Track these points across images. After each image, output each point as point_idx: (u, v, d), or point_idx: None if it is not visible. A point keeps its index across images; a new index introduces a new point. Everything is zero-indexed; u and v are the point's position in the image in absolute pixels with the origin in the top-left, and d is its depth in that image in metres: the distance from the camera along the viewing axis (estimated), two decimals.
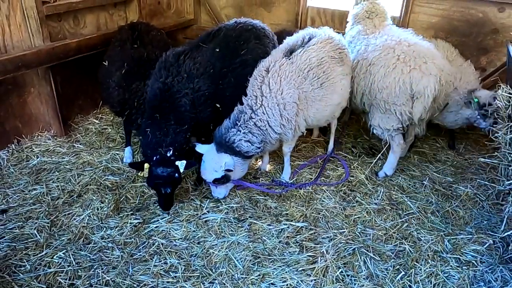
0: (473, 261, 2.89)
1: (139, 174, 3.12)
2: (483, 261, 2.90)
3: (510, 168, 2.81)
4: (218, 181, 3.27)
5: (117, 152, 4.10)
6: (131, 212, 3.29)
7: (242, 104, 3.31)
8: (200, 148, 3.33)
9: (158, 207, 3.29)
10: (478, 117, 3.80)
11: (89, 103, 4.94)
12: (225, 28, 3.69)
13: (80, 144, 4.24)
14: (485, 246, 3.01)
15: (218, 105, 3.41)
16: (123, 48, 3.75)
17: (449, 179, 3.89)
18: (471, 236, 3.14)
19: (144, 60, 3.64)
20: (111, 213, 3.24)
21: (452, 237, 3.14)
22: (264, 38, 3.87)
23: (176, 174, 3.04)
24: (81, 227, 3.08)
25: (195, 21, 5.94)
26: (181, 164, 3.06)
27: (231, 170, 3.24)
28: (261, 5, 5.52)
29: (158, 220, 3.21)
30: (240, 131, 3.22)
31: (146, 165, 3.02)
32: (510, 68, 3.47)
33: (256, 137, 3.27)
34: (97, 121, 4.71)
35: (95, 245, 2.93)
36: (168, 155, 3.03)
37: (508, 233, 2.49)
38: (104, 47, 4.39)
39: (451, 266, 2.86)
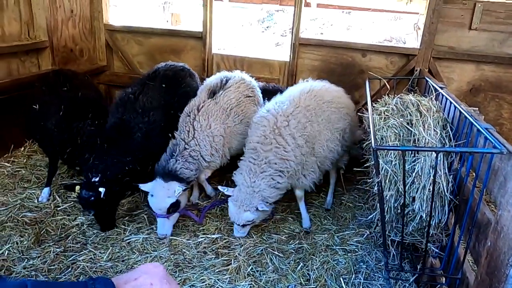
0: (355, 249, 3.60)
1: (72, 194, 3.38)
2: (363, 248, 3.62)
3: (373, 172, 3.64)
4: (174, 206, 3.45)
5: (33, 191, 4.17)
6: (53, 243, 3.43)
7: (174, 138, 3.73)
8: (144, 186, 3.51)
9: (81, 235, 3.50)
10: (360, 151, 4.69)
11: None
12: (161, 69, 4.33)
13: None
14: (364, 237, 3.76)
15: (170, 135, 3.81)
16: (54, 92, 3.98)
17: (340, 190, 4.70)
18: (354, 231, 3.88)
19: (80, 100, 3.94)
20: (32, 245, 3.34)
21: (340, 233, 3.85)
22: (193, 75, 4.68)
23: (93, 198, 3.27)
24: (1, 260, 3.13)
25: (108, 67, 6.29)
26: (102, 191, 3.31)
27: (186, 188, 3.54)
28: (171, 53, 6.12)
29: (81, 247, 3.39)
30: (179, 160, 3.58)
31: (77, 187, 3.29)
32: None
33: (193, 165, 3.65)
34: (9, 165, 4.70)
35: (17, 274, 3.02)
36: (93, 180, 3.30)
37: (371, 216, 3.24)
38: (15, 92, 4.56)
39: (339, 254, 3.52)
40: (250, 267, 3.24)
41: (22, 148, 5.09)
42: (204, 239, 3.57)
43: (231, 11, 14.49)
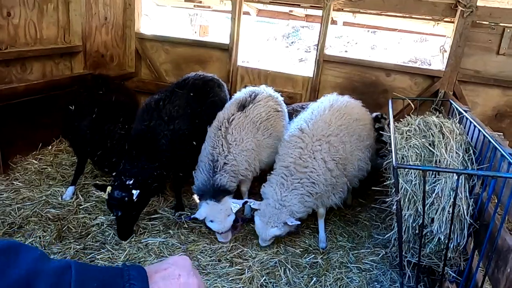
0: (370, 268, 3.57)
1: (102, 195, 3.49)
2: (378, 267, 3.59)
3: (392, 191, 3.62)
4: (234, 220, 3.61)
5: (57, 189, 4.31)
6: (74, 240, 3.53)
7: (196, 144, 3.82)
8: (199, 215, 3.56)
9: (100, 234, 3.59)
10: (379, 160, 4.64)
11: (27, 145, 5.07)
12: (191, 78, 4.42)
13: (19, 182, 4.38)
14: (379, 256, 3.72)
15: (194, 142, 3.92)
16: (90, 94, 4.16)
17: (357, 207, 4.68)
18: (369, 250, 3.85)
19: (113, 104, 4.09)
20: (54, 241, 3.45)
21: (355, 251, 3.82)
22: (221, 85, 4.76)
23: (126, 199, 3.35)
24: None
25: (136, 74, 6.49)
26: (135, 193, 3.37)
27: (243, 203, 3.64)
28: (196, 63, 6.28)
29: (100, 246, 3.48)
30: (224, 175, 3.62)
31: (109, 188, 3.38)
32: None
33: (234, 178, 3.72)
34: (36, 162, 4.87)
35: None
36: (127, 183, 3.37)
37: (388, 235, 3.22)
38: (49, 92, 4.77)
39: (353, 272, 3.50)
40: (264, 278, 3.25)
41: (50, 147, 5.27)
42: (219, 247, 3.61)
43: (257, 25, 14.74)
